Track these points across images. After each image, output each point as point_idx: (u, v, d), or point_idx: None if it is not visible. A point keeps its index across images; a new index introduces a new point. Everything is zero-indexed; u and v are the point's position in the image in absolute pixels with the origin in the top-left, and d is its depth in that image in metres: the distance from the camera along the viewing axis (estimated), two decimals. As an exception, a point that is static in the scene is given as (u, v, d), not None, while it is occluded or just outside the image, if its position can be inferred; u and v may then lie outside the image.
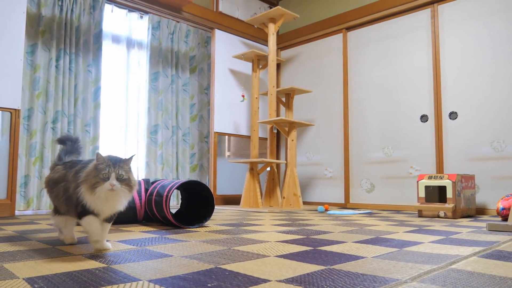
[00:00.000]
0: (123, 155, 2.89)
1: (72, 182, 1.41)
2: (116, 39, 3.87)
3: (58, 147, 1.78)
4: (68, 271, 1.08)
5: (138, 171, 3.95)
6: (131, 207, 2.35)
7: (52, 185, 1.55)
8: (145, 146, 3.97)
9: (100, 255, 1.35)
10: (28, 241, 1.64)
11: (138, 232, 1.94)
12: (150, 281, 0.98)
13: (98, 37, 3.64)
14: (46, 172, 3.27)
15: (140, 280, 0.99)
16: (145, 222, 2.41)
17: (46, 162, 3.26)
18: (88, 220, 1.37)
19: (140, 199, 2.38)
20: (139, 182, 2.50)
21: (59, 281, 0.96)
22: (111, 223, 1.45)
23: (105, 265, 1.16)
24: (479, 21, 3.45)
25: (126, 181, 1.35)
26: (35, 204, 3.20)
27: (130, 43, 3.97)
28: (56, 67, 3.39)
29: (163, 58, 4.13)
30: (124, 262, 1.21)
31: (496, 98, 3.31)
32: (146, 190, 2.44)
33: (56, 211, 1.57)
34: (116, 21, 3.87)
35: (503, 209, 2.68)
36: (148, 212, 2.37)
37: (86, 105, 3.55)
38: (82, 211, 1.37)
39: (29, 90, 3.28)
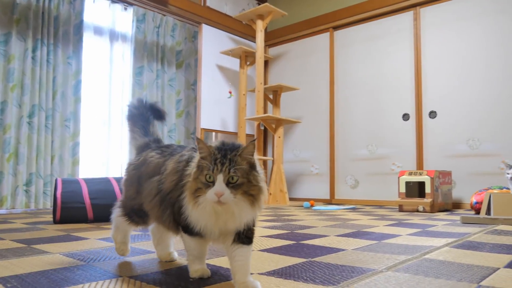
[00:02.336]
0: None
1: (170, 177, 0.97)
2: (98, 31, 3.80)
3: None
4: (43, 269, 1.06)
5: (122, 169, 3.91)
6: (113, 204, 2.31)
7: (140, 180, 1.09)
8: (129, 143, 3.92)
9: (78, 253, 1.33)
10: (1, 240, 1.59)
11: (120, 228, 1.92)
12: (131, 277, 0.98)
13: (78, 28, 3.56)
14: (22, 168, 3.15)
15: (121, 276, 0.99)
16: (128, 218, 2.39)
17: (21, 159, 3.15)
18: (187, 239, 0.95)
19: (123, 195, 2.35)
20: (121, 179, 2.47)
21: (34, 280, 0.94)
22: (250, 245, 0.91)
23: (84, 263, 1.14)
24: (457, 25, 3.52)
25: (243, 187, 0.82)
26: (9, 203, 3.09)
27: (114, 36, 3.90)
28: (33, 58, 3.28)
29: (148, 52, 4.08)
30: (104, 260, 1.20)
31: (472, 99, 3.39)
32: (129, 185, 2.41)
33: (131, 216, 1.15)
34: (98, 12, 3.78)
35: (476, 203, 2.77)
36: (131, 207, 2.34)
37: (65, 99, 3.47)
38: (184, 226, 0.94)
39: (2, 82, 3.14)
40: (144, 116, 1.23)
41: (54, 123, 3.40)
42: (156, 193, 1.01)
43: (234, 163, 0.83)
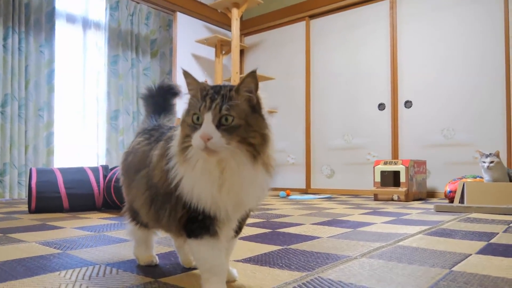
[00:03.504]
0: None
1: (159, 166, 0.76)
2: (71, 19, 3.70)
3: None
4: (20, 258, 1.05)
5: (99, 158, 3.84)
6: (89, 194, 2.29)
7: (130, 173, 0.90)
8: (105, 132, 3.86)
9: (54, 242, 1.31)
10: (-23, 229, 1.56)
11: (96, 219, 1.90)
12: (107, 264, 0.98)
13: (51, 15, 3.46)
14: (-3, 158, 3.10)
15: (97, 264, 0.99)
16: (104, 209, 2.37)
17: (-4, 148, 3.10)
18: (201, 246, 0.70)
19: (99, 186, 2.33)
20: (97, 169, 2.44)
21: (10, 268, 0.94)
22: (237, 237, 0.81)
23: (60, 251, 1.14)
24: (434, 15, 3.59)
25: (239, 132, 0.64)
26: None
27: (87, 24, 3.80)
28: (4, 46, 3.19)
29: (122, 41, 4.00)
30: (80, 248, 1.19)
31: (447, 89, 3.48)
32: (105, 176, 2.39)
33: (135, 218, 0.95)
34: (70, -1, 3.68)
35: (450, 192, 2.86)
36: (107, 199, 2.32)
37: (39, 88, 3.38)
38: (188, 222, 0.71)
39: (-28, 71, 3.06)
40: (157, 103, 1.05)
41: (28, 112, 3.32)
42: (145, 189, 0.81)
43: (228, 99, 0.64)
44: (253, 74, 0.65)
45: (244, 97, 0.66)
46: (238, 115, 0.64)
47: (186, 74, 0.69)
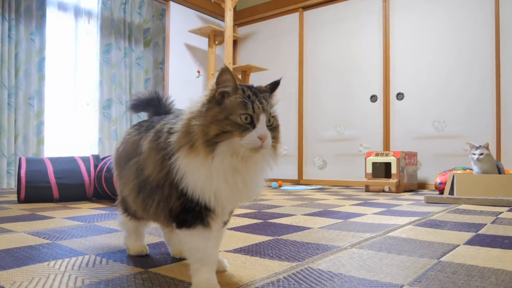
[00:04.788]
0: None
1: (152, 158, 0.77)
2: (62, 7, 3.63)
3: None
4: (8, 248, 1.04)
5: (91, 148, 3.81)
6: (79, 183, 2.28)
7: (121, 163, 0.92)
8: (97, 122, 3.82)
9: (43, 232, 1.31)
10: (-35, 218, 1.55)
11: (86, 209, 1.89)
12: (97, 254, 0.98)
13: (41, 3, 3.40)
14: (-14, 147, 3.07)
15: (87, 254, 0.98)
16: (95, 199, 2.36)
17: (-15, 137, 3.06)
18: (192, 237, 0.71)
19: (89, 176, 2.31)
20: (88, 159, 2.42)
21: (-1, 257, 0.93)
22: (225, 226, 0.84)
23: (50, 241, 1.13)
24: (426, 7, 3.59)
25: (275, 133, 0.72)
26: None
27: (78, 12, 3.74)
28: (-6, 34, 3.15)
29: (115, 30, 3.94)
30: (70, 238, 1.19)
31: (438, 81, 3.50)
32: (96, 166, 2.37)
33: (125, 209, 0.97)
34: (62, -13, 3.62)
35: (440, 183, 2.88)
36: (98, 189, 2.31)
37: (29, 76, 3.33)
38: (181, 212, 0.72)
39: (-37, 58, 3.02)
40: (154, 111, 1.04)
41: (18, 101, 3.27)
42: (134, 177, 0.83)
43: (269, 103, 0.71)
44: (278, 84, 0.76)
45: (273, 102, 0.74)
46: (276, 117, 0.72)
47: (226, 71, 0.69)
